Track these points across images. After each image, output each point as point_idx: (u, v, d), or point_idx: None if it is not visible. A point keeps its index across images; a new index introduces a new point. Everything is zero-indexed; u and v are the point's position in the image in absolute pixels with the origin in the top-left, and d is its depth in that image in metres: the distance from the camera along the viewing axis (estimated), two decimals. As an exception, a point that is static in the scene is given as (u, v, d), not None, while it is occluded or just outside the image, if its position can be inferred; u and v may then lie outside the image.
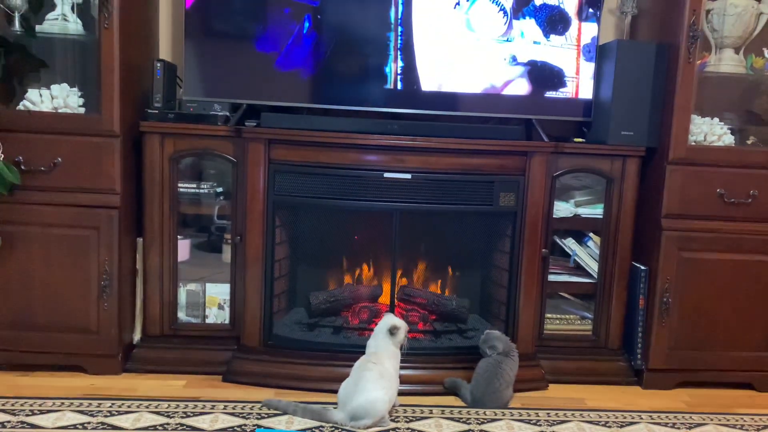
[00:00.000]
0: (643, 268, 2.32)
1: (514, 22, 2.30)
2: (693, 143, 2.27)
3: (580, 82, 2.37)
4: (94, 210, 2.14)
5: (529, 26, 2.31)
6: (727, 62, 2.31)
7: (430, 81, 2.30)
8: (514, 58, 2.32)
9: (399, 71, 2.29)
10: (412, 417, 1.99)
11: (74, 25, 2.17)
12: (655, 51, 2.25)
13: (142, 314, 2.30)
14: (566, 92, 2.37)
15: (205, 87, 2.26)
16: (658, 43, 2.26)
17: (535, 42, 2.32)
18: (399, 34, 2.26)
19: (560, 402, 2.17)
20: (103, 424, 1.84)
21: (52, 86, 2.17)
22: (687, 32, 2.16)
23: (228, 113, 2.27)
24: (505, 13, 2.30)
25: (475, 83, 2.32)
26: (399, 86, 2.29)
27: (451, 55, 2.30)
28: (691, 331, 2.29)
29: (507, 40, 2.31)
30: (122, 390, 2.10)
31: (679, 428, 2.01)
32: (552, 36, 2.33)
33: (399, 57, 2.28)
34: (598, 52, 2.35)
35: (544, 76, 2.34)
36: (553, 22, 2.32)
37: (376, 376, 1.90)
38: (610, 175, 2.32)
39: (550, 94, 2.36)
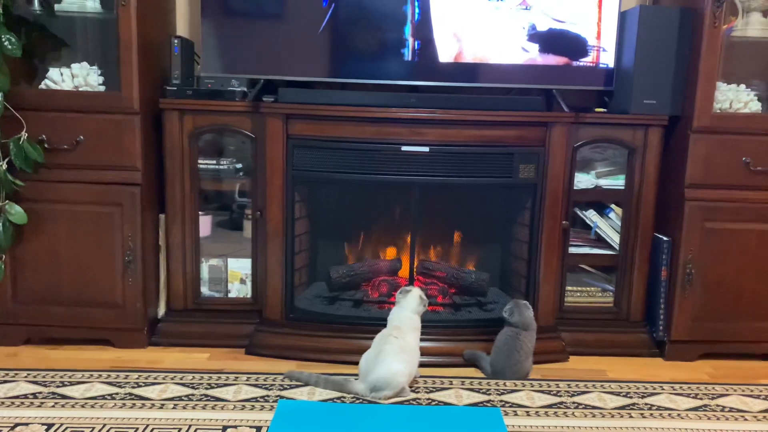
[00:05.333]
0: (665, 239, 2.29)
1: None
2: (718, 111, 2.22)
3: (602, 51, 2.32)
4: (116, 187, 2.17)
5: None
6: (754, 26, 2.24)
7: (448, 52, 2.27)
8: (533, 27, 2.27)
9: (416, 43, 2.26)
10: (433, 388, 2.01)
11: (92, 3, 2.19)
12: (679, 16, 2.19)
13: (166, 289, 2.34)
14: (587, 61, 2.32)
15: (223, 63, 2.26)
16: (682, 7, 2.19)
17: (554, 9, 2.27)
18: (416, 4, 2.23)
19: (581, 373, 2.17)
20: (130, 394, 1.89)
21: (73, 65, 2.19)
22: (713, -5, 2.10)
23: (246, 89, 2.27)
24: (523, -20, 2.25)
25: (494, 54, 2.28)
26: (417, 58, 2.26)
27: (469, 25, 2.26)
28: (714, 302, 2.26)
29: (526, 8, 2.26)
30: (148, 362, 2.15)
31: (701, 398, 1.99)
32: (572, 3, 2.27)
33: (416, 29, 2.25)
34: (620, 19, 2.29)
35: (564, 44, 2.29)
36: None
37: (396, 350, 1.91)
38: (632, 145, 2.28)
39: (570, 63, 2.31)
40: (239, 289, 2.36)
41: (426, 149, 2.15)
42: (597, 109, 2.36)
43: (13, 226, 2.11)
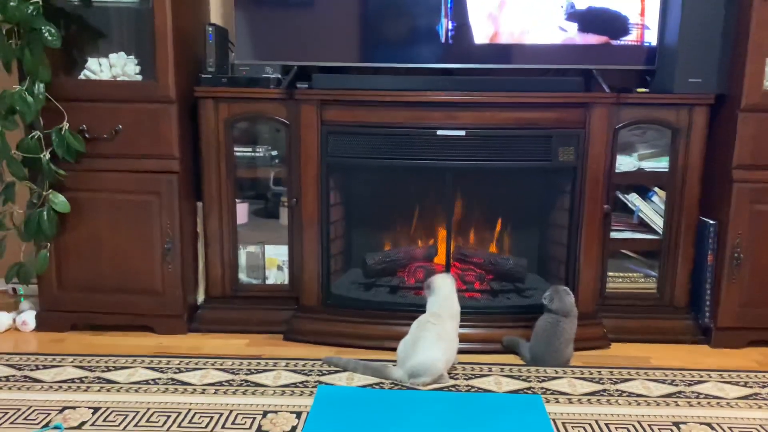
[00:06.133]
0: (711, 222, 2.22)
1: (572, -34, 2.19)
2: (767, 88, 2.12)
3: (644, 29, 2.24)
4: (154, 175, 2.20)
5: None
6: (807, -1, 2.13)
7: (483, 34, 2.22)
8: (571, 5, 2.21)
9: (451, 25, 2.22)
10: (471, 374, 1.99)
11: (128, -7, 2.21)
12: (726, -8, 2.10)
13: (205, 276, 2.37)
14: (628, 40, 2.24)
15: (257, 50, 2.25)
16: (729, -18, 2.10)
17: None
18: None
19: (623, 360, 2.12)
20: (172, 380, 1.92)
21: (110, 55, 2.22)
22: (763, -33, 2.00)
23: (279, 76, 2.26)
24: (562, -43, 2.18)
25: (531, 34, 2.22)
26: (451, 41, 2.22)
27: (505, 5, 2.21)
28: (763, 287, 2.18)
29: (565, -14, 2.20)
30: (188, 348, 2.18)
31: (751, 387, 1.93)
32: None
33: (450, 10, 2.21)
34: (664, -5, 2.21)
35: (604, 22, 2.22)
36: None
37: (434, 337, 1.90)
38: (676, 126, 2.20)
39: (610, 42, 2.24)
40: (276, 275, 2.37)
41: (462, 133, 2.12)
42: (638, 90, 2.28)
43: (56, 215, 2.16)
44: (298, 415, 1.73)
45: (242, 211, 2.41)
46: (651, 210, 2.31)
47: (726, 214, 2.17)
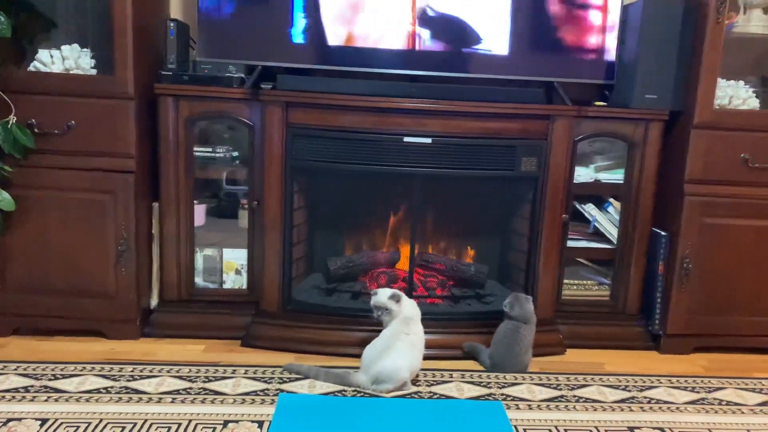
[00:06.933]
0: (663, 233, 2.30)
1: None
2: (717, 107, 2.22)
3: (604, 44, 2.30)
4: (109, 174, 2.10)
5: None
6: (755, 23, 2.25)
7: (448, 42, 2.23)
8: (535, 18, 2.25)
9: (416, 31, 2.22)
10: (433, 381, 1.99)
11: (84, -17, 2.11)
12: (682, 11, 2.18)
13: (159, 279, 2.29)
14: (589, 54, 2.30)
15: (220, 48, 2.19)
16: (686, 2, 2.19)
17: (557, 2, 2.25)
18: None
19: (579, 366, 2.18)
20: (126, 388, 1.84)
21: (63, 47, 2.12)
22: (717, -8, 2.10)
23: (243, 75, 2.21)
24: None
25: (495, 44, 2.25)
26: (417, 47, 2.22)
27: (470, 14, 2.22)
28: (711, 296, 2.29)
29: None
30: (142, 354, 2.10)
31: (698, 392, 2.01)
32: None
33: (416, 16, 2.21)
34: (623, 13, 2.28)
35: (566, 37, 2.27)
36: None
37: (407, 346, 1.90)
38: (633, 140, 2.28)
39: (572, 55, 2.29)
40: (234, 279, 2.32)
41: (429, 140, 2.13)
42: (597, 103, 2.35)
43: (1, 213, 2.04)
44: (260, 424, 1.69)
45: (200, 212, 2.34)
46: (606, 220, 2.38)
47: (677, 225, 2.26)
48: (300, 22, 2.18)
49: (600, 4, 2.26)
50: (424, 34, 2.22)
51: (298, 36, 2.19)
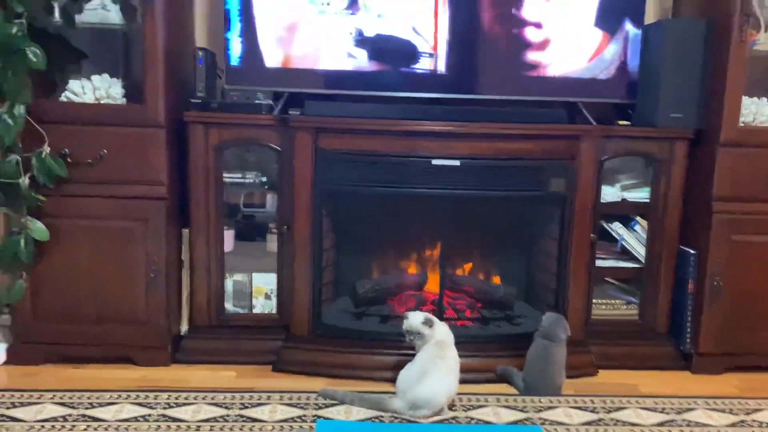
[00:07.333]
0: (692, 251, 2.30)
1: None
2: (742, 124, 2.23)
3: (626, 64, 2.32)
4: (141, 201, 2.12)
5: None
6: (778, 40, 2.27)
7: (469, 65, 2.26)
8: (558, 39, 2.27)
9: (439, 56, 2.24)
10: (469, 405, 1.98)
11: (114, 15, 2.13)
12: (704, 30, 2.20)
13: (189, 305, 2.29)
14: (609, 74, 2.32)
15: (248, 75, 2.22)
16: (708, 21, 2.21)
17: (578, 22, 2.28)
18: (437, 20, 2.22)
19: (613, 388, 2.16)
20: (164, 416, 1.84)
21: (93, 77, 2.14)
22: (740, 10, 2.11)
23: (271, 102, 2.23)
24: (550, -6, 2.25)
25: (518, 66, 2.27)
26: (442, 71, 2.25)
27: (491, 38, 2.25)
28: (741, 314, 2.27)
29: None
30: (175, 381, 2.10)
31: (737, 414, 2.00)
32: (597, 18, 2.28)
33: (439, 41, 2.24)
34: (645, 32, 2.30)
35: (587, 57, 2.29)
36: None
37: (443, 371, 1.90)
38: (658, 158, 2.28)
39: (595, 76, 2.31)
40: (264, 304, 2.32)
41: (457, 163, 2.14)
42: (620, 122, 2.36)
43: (33, 242, 2.05)
44: (300, 452, 1.68)
45: (229, 237, 2.35)
46: (634, 239, 2.38)
47: (706, 243, 2.25)
48: (325, 49, 2.21)
49: (619, 25, 2.29)
50: (445, 57, 2.24)
51: (324, 63, 2.22)
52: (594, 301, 2.37)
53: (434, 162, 2.14)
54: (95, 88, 2.14)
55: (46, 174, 2.01)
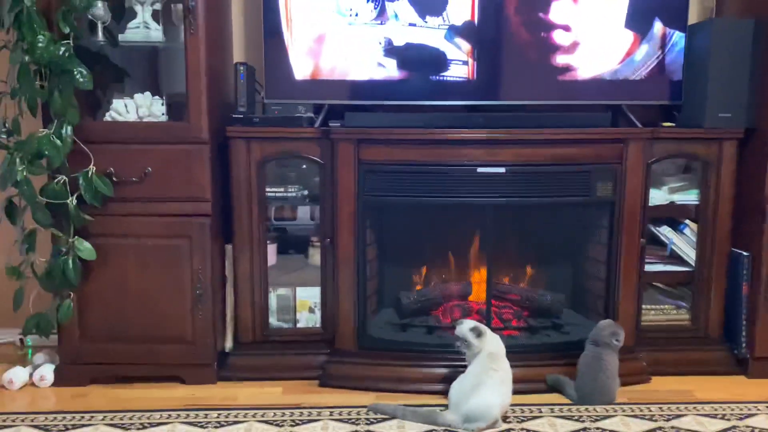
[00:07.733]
0: (745, 253, 2.24)
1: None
2: (792, 122, 2.18)
3: (669, 65, 2.28)
4: (185, 218, 2.12)
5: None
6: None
7: (509, 71, 2.24)
8: (602, 43, 2.24)
9: (477, 63, 2.22)
10: (523, 417, 1.94)
11: (156, 33, 2.14)
12: (752, 28, 2.15)
13: (233, 321, 2.28)
14: (654, 76, 2.28)
15: (287, 89, 2.22)
16: (756, 20, 2.16)
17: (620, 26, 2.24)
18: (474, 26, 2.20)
19: (668, 395, 2.11)
20: (217, 435, 1.83)
21: (136, 95, 2.15)
22: (789, 7, 2.07)
23: (312, 114, 2.23)
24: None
25: (557, 69, 2.24)
26: (476, 77, 2.22)
27: (533, 43, 2.23)
28: (799, 317, 2.21)
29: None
30: (223, 399, 2.08)
31: (802, 419, 1.94)
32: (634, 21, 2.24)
33: (476, 47, 2.22)
34: (689, 32, 2.26)
35: (631, 59, 2.26)
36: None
37: (497, 383, 1.86)
38: (707, 160, 2.23)
39: (637, 77, 2.27)
40: (308, 318, 2.30)
41: (502, 170, 2.11)
42: (665, 124, 2.32)
43: (80, 262, 2.06)
44: (359, 469, 1.65)
45: (272, 252, 2.34)
46: (683, 242, 2.32)
47: (759, 244, 2.19)
48: (362, 60, 2.21)
49: (661, 28, 2.25)
50: (478, 64, 2.22)
51: (362, 74, 2.21)
52: (643, 306, 2.32)
53: (479, 170, 2.11)
54: (138, 107, 2.14)
55: (92, 194, 2.02)
